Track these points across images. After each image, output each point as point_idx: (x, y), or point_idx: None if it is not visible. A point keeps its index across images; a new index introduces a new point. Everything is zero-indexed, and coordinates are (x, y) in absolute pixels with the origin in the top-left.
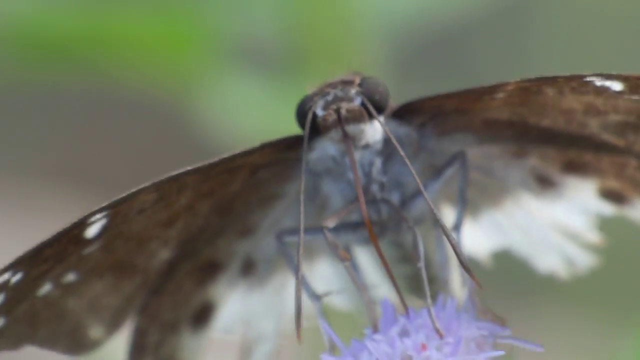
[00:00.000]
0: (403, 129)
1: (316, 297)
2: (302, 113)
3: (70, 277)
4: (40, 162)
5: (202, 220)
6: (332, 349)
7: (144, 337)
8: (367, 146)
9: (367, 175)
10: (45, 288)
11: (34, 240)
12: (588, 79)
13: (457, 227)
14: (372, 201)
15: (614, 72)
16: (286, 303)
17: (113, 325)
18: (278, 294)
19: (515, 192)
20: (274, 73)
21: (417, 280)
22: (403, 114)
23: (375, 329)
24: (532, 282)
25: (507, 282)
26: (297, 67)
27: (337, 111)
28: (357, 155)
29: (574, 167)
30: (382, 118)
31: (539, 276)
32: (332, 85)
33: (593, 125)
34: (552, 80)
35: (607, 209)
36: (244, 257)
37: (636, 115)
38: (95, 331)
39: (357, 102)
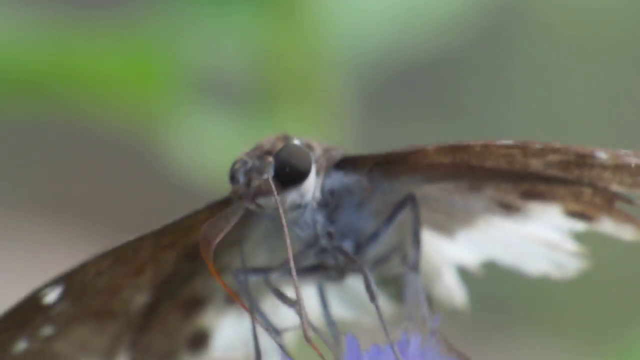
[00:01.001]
0: (350, 178)
1: (276, 332)
2: (229, 178)
3: (47, 330)
4: (20, 196)
5: (171, 266)
6: None
7: None
8: (299, 206)
9: (312, 228)
10: (21, 345)
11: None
12: (498, 144)
13: (414, 267)
14: (323, 250)
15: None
16: (282, 321)
17: (107, 359)
18: (272, 314)
19: (483, 216)
20: (242, 106)
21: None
22: (346, 165)
23: None
24: (509, 314)
25: (483, 315)
26: (266, 100)
27: (248, 184)
28: (294, 214)
29: (532, 196)
30: (309, 180)
31: (516, 308)
32: (256, 150)
33: (536, 164)
34: (465, 148)
35: (577, 225)
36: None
37: (573, 154)
38: None
39: (266, 175)
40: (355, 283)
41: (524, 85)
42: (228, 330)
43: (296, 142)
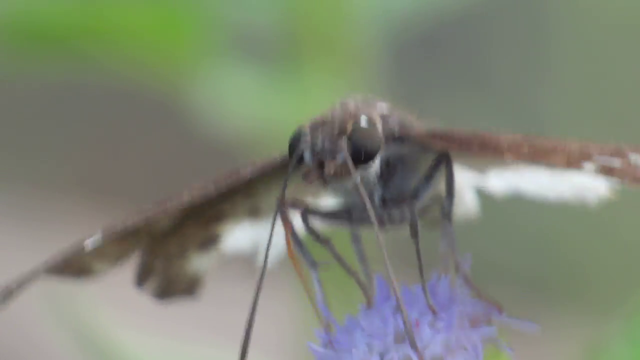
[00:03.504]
0: (406, 148)
1: (314, 265)
2: (290, 149)
3: None
4: (52, 174)
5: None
6: (326, 324)
7: (149, 268)
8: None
9: (368, 195)
10: None
11: (46, 252)
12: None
13: (448, 217)
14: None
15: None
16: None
17: (117, 263)
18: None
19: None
20: (269, 61)
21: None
22: (404, 137)
23: (369, 305)
24: (548, 291)
25: (522, 293)
26: (293, 56)
27: (320, 165)
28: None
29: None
30: (377, 159)
31: (555, 286)
32: (324, 127)
33: None
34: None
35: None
36: (249, 207)
37: None
38: (99, 267)
39: (341, 159)
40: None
41: (549, 47)
42: (240, 234)
43: (364, 122)
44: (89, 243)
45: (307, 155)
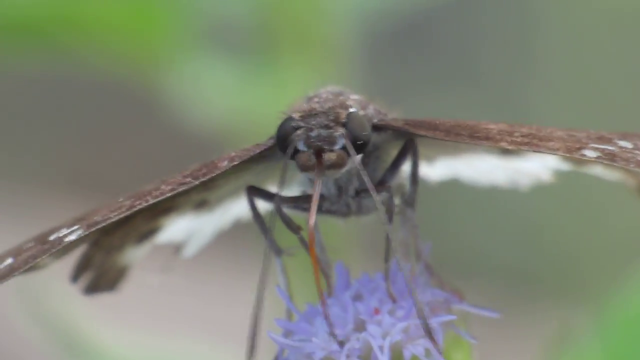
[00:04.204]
0: (381, 137)
1: (278, 252)
2: (282, 139)
3: None
4: (38, 170)
5: None
6: (287, 312)
7: (90, 260)
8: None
9: (343, 187)
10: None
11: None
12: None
13: (411, 204)
14: (342, 202)
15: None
16: (228, 219)
17: (61, 257)
18: (223, 215)
19: (477, 154)
20: (244, 52)
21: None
22: (380, 126)
23: (330, 293)
24: (539, 286)
25: (513, 287)
26: (269, 47)
27: (318, 154)
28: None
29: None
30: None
31: (546, 280)
32: (317, 116)
33: None
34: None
35: (566, 166)
36: (199, 200)
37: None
38: (45, 261)
39: (340, 145)
40: None
41: (523, 37)
42: (178, 226)
43: (354, 110)
44: (73, 237)
45: (302, 146)
